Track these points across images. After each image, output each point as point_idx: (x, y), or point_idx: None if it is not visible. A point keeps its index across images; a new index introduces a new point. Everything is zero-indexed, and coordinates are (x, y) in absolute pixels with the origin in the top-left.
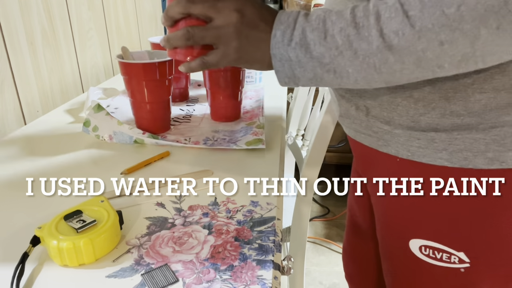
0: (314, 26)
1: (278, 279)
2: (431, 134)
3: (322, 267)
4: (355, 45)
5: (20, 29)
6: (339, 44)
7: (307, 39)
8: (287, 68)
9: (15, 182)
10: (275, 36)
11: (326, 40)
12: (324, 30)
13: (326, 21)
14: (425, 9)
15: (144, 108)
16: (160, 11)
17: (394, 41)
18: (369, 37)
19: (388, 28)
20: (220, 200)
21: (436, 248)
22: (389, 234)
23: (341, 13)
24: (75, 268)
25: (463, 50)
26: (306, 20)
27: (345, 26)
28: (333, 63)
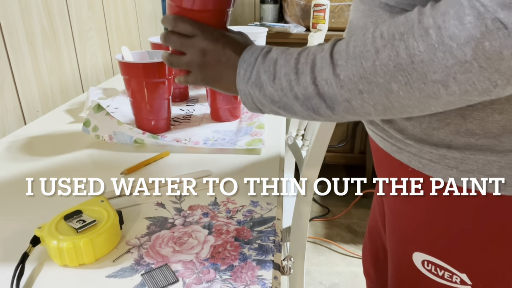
0: (266, 68)
1: (278, 279)
2: (443, 150)
3: (322, 267)
4: (295, 89)
5: (20, 29)
6: (284, 86)
7: (261, 79)
8: (250, 101)
9: (15, 182)
10: (239, 74)
11: (274, 81)
12: (274, 73)
13: (277, 64)
14: (349, 60)
15: (144, 108)
16: (160, 11)
17: (324, 89)
18: (305, 83)
19: (320, 77)
20: (220, 200)
21: (439, 265)
22: (395, 242)
23: (289, 58)
24: (75, 268)
25: (381, 100)
26: (263, 61)
27: (289, 71)
28: (282, 101)
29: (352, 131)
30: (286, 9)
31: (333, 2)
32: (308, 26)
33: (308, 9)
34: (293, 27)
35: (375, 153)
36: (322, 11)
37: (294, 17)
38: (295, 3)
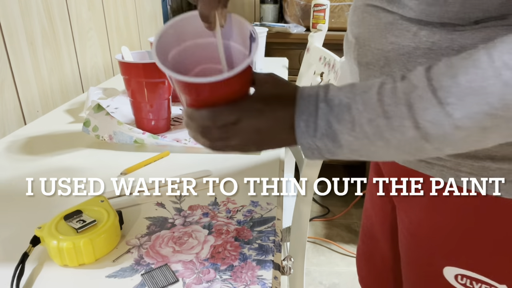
0: (338, 116)
1: (278, 279)
2: (487, 163)
3: (322, 267)
4: (387, 135)
5: (20, 29)
6: (369, 134)
7: (333, 129)
8: (317, 154)
9: (15, 182)
10: (299, 127)
11: (355, 130)
12: (351, 120)
13: (351, 109)
14: (465, 97)
15: (144, 108)
16: (160, 11)
17: (431, 131)
18: (402, 128)
19: (423, 118)
20: (220, 200)
21: (475, 279)
22: (419, 255)
23: (367, 99)
24: (75, 268)
25: (507, 132)
26: (329, 108)
27: (374, 116)
28: (363, 149)
29: None
30: (286, 9)
31: (333, 2)
32: (308, 26)
33: (308, 9)
34: (293, 27)
35: (391, 170)
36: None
37: (294, 17)
38: (295, 3)
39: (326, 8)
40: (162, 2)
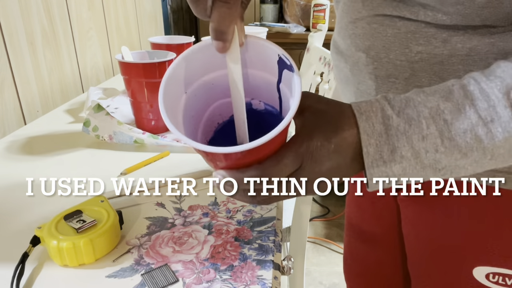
0: (424, 131)
1: (278, 279)
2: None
3: (322, 267)
4: (486, 144)
5: (20, 29)
6: (463, 147)
7: (416, 148)
8: (388, 182)
9: (15, 182)
10: (369, 154)
11: (444, 145)
12: (439, 135)
13: (437, 122)
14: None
15: (144, 108)
16: (160, 11)
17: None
18: (505, 133)
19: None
20: (220, 200)
21: (507, 275)
22: (443, 261)
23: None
24: (75, 268)
25: None
26: (407, 123)
27: (470, 126)
28: (451, 165)
29: None
30: (286, 9)
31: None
32: (308, 26)
33: (308, 9)
34: (293, 27)
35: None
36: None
37: (294, 17)
38: (295, 3)
39: (326, 8)
40: (162, 2)
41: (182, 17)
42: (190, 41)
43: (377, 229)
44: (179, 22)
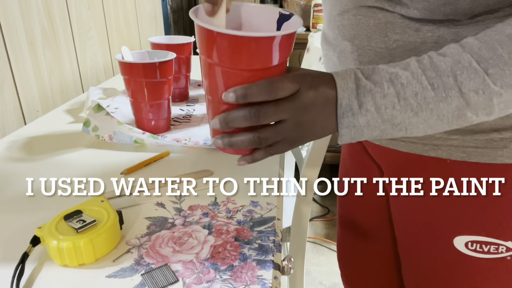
0: (385, 91)
1: (278, 279)
2: (492, 135)
3: (322, 267)
4: (432, 106)
5: (20, 29)
6: (414, 106)
7: (377, 104)
8: (353, 132)
9: (15, 182)
10: (341, 106)
11: (400, 103)
12: (396, 94)
13: (395, 84)
14: (506, 67)
15: (144, 108)
16: (160, 11)
17: (473, 99)
18: (448, 98)
19: (467, 88)
20: (220, 200)
21: (484, 242)
22: (426, 234)
23: (409, 74)
24: (75, 268)
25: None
26: (372, 83)
27: (419, 89)
28: (405, 122)
29: None
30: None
31: None
32: (308, 26)
33: (308, 9)
34: None
35: (392, 161)
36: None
37: None
38: (295, 3)
39: None
40: (162, 2)
41: (182, 17)
42: (190, 41)
43: (369, 221)
44: (179, 22)
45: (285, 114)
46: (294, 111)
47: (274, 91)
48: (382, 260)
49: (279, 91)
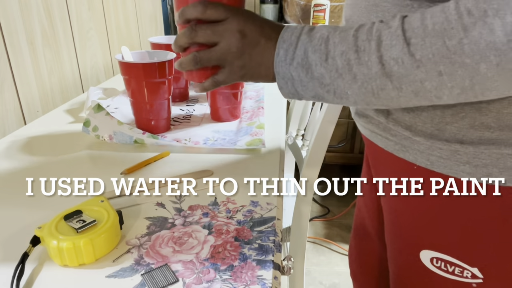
0: (316, 47)
1: (278, 279)
2: (456, 146)
3: (322, 267)
4: (355, 70)
5: (20, 29)
6: (339, 67)
7: (309, 59)
8: (290, 85)
9: (15, 182)
10: (278, 55)
11: (327, 62)
12: (326, 52)
13: (329, 42)
14: (427, 38)
15: (144, 108)
16: (160, 11)
17: (393, 69)
18: (369, 63)
19: (388, 55)
20: (220, 200)
21: (449, 262)
22: (399, 242)
23: (345, 35)
24: (75, 268)
25: (461, 83)
26: (309, 39)
27: (347, 49)
28: (333, 84)
29: (352, 131)
30: (286, 9)
31: (333, 2)
32: None
33: (308, 9)
34: None
35: (372, 154)
36: (322, 11)
37: (294, 17)
38: (295, 3)
39: (326, 8)
40: (162, 2)
41: None
42: None
43: (371, 221)
44: None
45: (216, 36)
46: (225, 35)
47: (204, 10)
48: (385, 258)
49: (208, 10)
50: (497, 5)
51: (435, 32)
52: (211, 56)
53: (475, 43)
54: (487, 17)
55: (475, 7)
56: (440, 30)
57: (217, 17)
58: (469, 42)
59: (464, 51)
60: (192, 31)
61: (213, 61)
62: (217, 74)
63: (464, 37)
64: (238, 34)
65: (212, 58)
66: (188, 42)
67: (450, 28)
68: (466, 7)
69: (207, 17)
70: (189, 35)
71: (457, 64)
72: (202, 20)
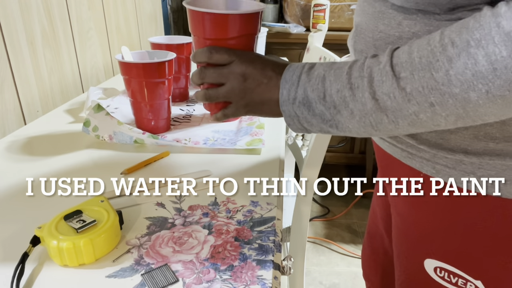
0: (314, 86)
1: (278, 279)
2: (460, 156)
3: (322, 267)
4: (351, 106)
5: (20, 29)
6: (337, 104)
7: (309, 98)
8: (297, 122)
9: (15, 182)
10: (282, 95)
11: (325, 100)
12: (323, 90)
13: (325, 81)
14: (415, 71)
15: (144, 108)
16: (160, 11)
17: (387, 103)
18: (363, 99)
19: (380, 91)
20: (220, 200)
21: (452, 272)
22: (404, 247)
23: (339, 73)
24: (75, 268)
25: (455, 111)
26: (308, 78)
27: (341, 87)
28: (334, 120)
29: None
30: (286, 9)
31: (333, 2)
32: (308, 26)
33: (308, 9)
34: (293, 27)
35: (381, 158)
36: (322, 11)
37: (294, 17)
38: (295, 3)
39: (326, 8)
40: (162, 2)
41: (182, 17)
42: (190, 41)
43: (381, 222)
44: (179, 22)
45: (222, 78)
46: (229, 77)
47: (209, 55)
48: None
49: (213, 55)
50: (479, 35)
51: (422, 66)
52: (218, 95)
53: (461, 73)
54: (470, 48)
55: (458, 38)
56: (426, 63)
57: (223, 61)
58: (455, 73)
59: (451, 81)
60: (202, 73)
61: (220, 98)
62: (226, 108)
63: (449, 68)
64: (241, 77)
65: (220, 96)
66: (200, 82)
67: (435, 60)
68: (450, 37)
69: (214, 62)
70: (199, 77)
71: (447, 94)
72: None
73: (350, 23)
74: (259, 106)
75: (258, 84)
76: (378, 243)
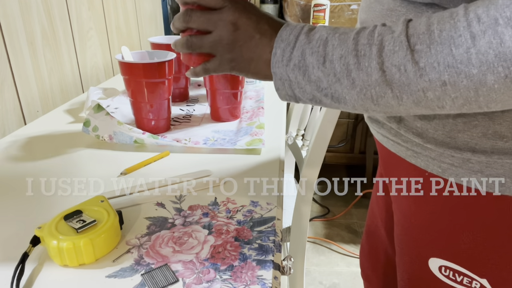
0: (314, 49)
1: (278, 279)
2: (467, 154)
3: (322, 267)
4: (353, 75)
5: (20, 29)
6: (337, 71)
7: (306, 61)
8: (287, 87)
9: (15, 182)
10: (275, 55)
11: (325, 65)
12: (324, 54)
13: (327, 45)
14: (432, 45)
15: (144, 108)
16: (160, 11)
17: (395, 76)
18: (368, 68)
19: (390, 62)
20: (220, 200)
21: (457, 271)
22: (408, 247)
23: (345, 37)
24: (75, 268)
25: (465, 94)
26: (308, 40)
27: (346, 53)
28: (331, 88)
29: (352, 131)
30: (286, 9)
31: (333, 2)
32: None
33: (308, 9)
34: None
35: (385, 157)
36: (322, 11)
37: (294, 17)
38: (295, 3)
39: (326, 8)
40: (162, 2)
41: None
42: None
43: (380, 222)
44: None
45: (210, 25)
46: (218, 24)
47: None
48: (392, 258)
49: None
50: (510, 13)
51: (442, 39)
52: (202, 44)
53: (483, 53)
54: (498, 26)
55: (486, 14)
56: (447, 37)
57: (214, 4)
58: (477, 51)
59: (470, 60)
60: (187, 16)
61: (204, 48)
62: (208, 62)
63: (472, 46)
64: (231, 26)
65: (204, 46)
66: (183, 26)
67: (457, 35)
68: (476, 13)
69: (204, 3)
70: (183, 19)
71: (463, 74)
72: (201, 6)
73: (350, 23)
74: (246, 63)
75: (250, 38)
76: (377, 242)
